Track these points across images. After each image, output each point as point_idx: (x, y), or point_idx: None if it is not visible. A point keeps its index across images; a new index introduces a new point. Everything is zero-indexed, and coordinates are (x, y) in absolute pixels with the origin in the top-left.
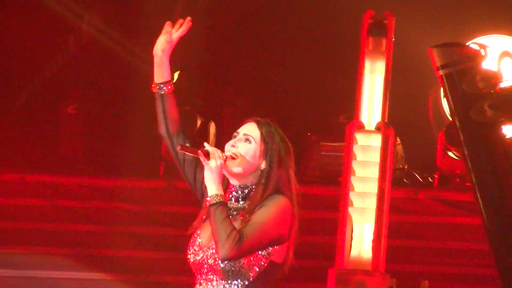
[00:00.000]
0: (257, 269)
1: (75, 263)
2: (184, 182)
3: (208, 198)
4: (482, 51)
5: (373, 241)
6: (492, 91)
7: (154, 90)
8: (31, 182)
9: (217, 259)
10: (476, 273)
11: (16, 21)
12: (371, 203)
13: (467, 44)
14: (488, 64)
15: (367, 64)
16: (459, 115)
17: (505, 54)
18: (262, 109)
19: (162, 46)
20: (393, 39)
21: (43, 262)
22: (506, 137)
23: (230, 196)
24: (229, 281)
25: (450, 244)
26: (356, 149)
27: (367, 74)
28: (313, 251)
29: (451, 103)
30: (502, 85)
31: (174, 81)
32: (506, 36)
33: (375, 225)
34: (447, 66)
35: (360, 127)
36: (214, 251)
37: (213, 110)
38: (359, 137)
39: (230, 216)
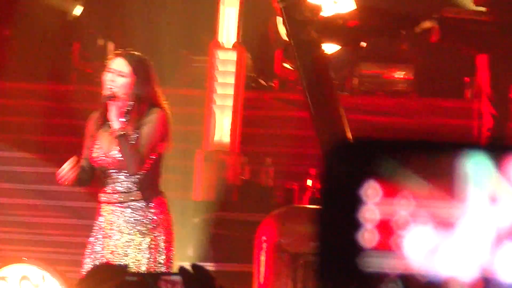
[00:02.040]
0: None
1: None
2: None
3: (116, 131)
4: None
5: (230, 130)
6: (315, 18)
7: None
8: None
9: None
10: (305, 152)
11: None
12: (229, 102)
13: None
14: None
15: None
16: (293, 36)
17: None
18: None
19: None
20: None
21: None
22: (326, 52)
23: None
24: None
25: (286, 131)
26: (217, 62)
27: (224, 5)
28: (185, 137)
29: (288, 28)
30: (323, 14)
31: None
32: None
33: (232, 118)
34: (284, 1)
35: (219, 45)
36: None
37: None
38: (220, 54)
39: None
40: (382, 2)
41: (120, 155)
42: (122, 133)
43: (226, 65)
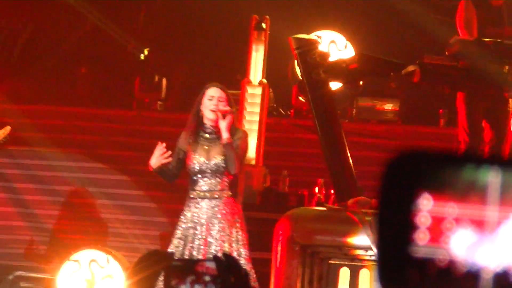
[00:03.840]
0: None
1: None
2: None
3: (224, 140)
4: (318, 40)
5: (255, 148)
6: (323, 62)
7: (151, 170)
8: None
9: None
10: (314, 166)
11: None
12: (255, 126)
13: (310, 35)
14: (322, 47)
15: (254, 47)
16: (306, 76)
17: (332, 41)
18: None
19: (157, 163)
20: (268, 32)
21: None
22: (332, 89)
23: (206, 130)
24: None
25: (299, 150)
26: (247, 96)
27: (254, 52)
28: None
29: (301, 69)
30: (330, 59)
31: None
32: (332, 31)
33: (257, 138)
34: (298, 48)
35: (249, 82)
36: (216, 162)
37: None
38: (249, 89)
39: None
40: (376, 51)
41: (220, 161)
42: (230, 141)
43: (254, 98)
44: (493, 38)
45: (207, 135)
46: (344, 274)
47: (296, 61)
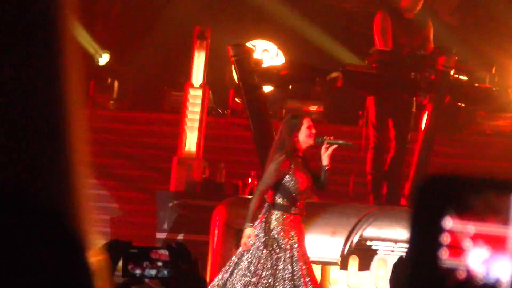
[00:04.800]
0: None
1: None
2: None
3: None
4: (253, 48)
5: (196, 143)
6: (258, 68)
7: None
8: None
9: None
10: (247, 159)
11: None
12: (196, 124)
13: (246, 44)
14: (256, 55)
15: (196, 53)
16: (242, 80)
17: (265, 50)
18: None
19: None
20: (209, 41)
21: None
22: (264, 92)
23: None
24: None
25: (235, 145)
26: (189, 97)
27: (196, 58)
28: (166, 147)
29: (238, 74)
30: (263, 66)
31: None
32: (266, 40)
33: (197, 135)
34: (235, 55)
35: (191, 85)
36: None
37: None
38: (191, 90)
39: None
40: (303, 59)
41: (315, 181)
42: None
43: (195, 99)
44: (405, 47)
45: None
46: None
47: (233, 67)
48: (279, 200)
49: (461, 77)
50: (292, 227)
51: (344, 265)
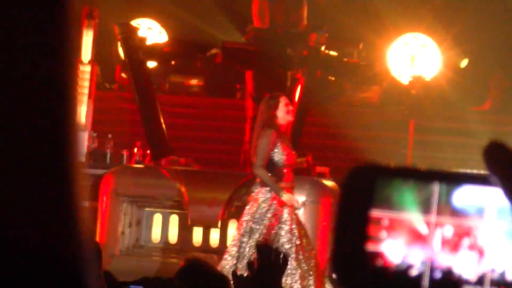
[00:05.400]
0: None
1: None
2: None
3: None
4: (138, 26)
5: (85, 115)
6: (142, 45)
7: None
8: None
9: None
10: (133, 131)
11: None
12: (85, 98)
13: (131, 23)
14: (141, 33)
15: (85, 32)
16: (128, 56)
17: (149, 28)
18: None
19: None
20: (97, 20)
21: None
22: (149, 67)
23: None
24: None
25: (122, 117)
26: (78, 73)
27: (84, 36)
28: None
29: (124, 51)
30: (147, 43)
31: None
32: (150, 19)
33: (86, 108)
34: (121, 33)
35: (81, 61)
36: None
37: None
38: (80, 66)
39: None
40: (185, 36)
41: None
42: None
43: (84, 74)
44: (280, 26)
45: None
46: (157, 219)
47: (119, 44)
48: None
49: (331, 52)
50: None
51: (224, 229)
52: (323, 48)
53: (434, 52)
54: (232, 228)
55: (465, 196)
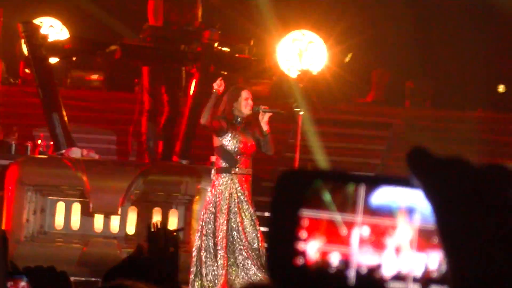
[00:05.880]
0: None
1: None
2: None
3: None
4: (40, 24)
5: None
6: (45, 42)
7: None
8: None
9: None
10: (38, 123)
11: None
12: None
13: (34, 21)
14: (43, 30)
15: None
16: (31, 52)
17: (51, 26)
18: None
19: None
20: (2, 19)
21: None
22: (51, 63)
23: (238, 120)
24: None
25: (32, 111)
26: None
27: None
28: None
29: (27, 47)
30: (49, 40)
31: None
32: (52, 17)
33: None
34: (25, 31)
35: None
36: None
37: None
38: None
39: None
40: (85, 33)
41: (258, 145)
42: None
43: None
44: (175, 24)
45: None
46: (60, 207)
47: (23, 41)
48: (223, 163)
49: (224, 48)
50: (240, 186)
51: (124, 216)
52: (216, 44)
53: (321, 48)
54: (132, 214)
55: (383, 197)
